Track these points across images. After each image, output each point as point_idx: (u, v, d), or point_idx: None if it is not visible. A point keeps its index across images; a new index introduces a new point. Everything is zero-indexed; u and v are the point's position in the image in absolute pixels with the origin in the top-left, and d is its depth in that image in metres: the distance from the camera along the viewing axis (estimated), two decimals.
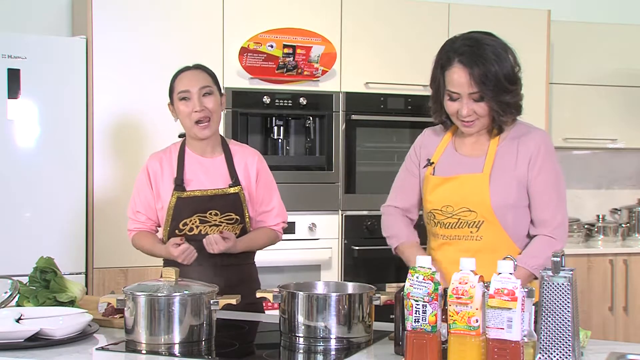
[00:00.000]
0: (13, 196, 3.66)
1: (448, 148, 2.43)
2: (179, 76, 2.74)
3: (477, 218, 2.30)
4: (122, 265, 3.81)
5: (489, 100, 2.25)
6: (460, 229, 2.32)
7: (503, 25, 4.49)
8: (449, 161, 2.40)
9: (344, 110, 4.23)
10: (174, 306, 2.07)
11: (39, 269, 2.47)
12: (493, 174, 2.31)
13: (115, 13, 3.86)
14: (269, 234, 2.81)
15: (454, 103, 2.30)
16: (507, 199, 2.29)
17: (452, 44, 2.31)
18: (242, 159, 2.78)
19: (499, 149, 2.34)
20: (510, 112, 2.29)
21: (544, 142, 2.34)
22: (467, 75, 2.23)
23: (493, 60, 2.23)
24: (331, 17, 4.24)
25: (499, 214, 2.28)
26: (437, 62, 2.34)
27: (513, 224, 2.30)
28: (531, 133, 2.35)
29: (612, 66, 4.95)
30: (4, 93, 3.62)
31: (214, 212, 2.67)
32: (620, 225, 5.11)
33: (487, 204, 2.28)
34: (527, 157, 2.31)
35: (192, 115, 2.67)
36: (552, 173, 2.33)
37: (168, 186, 2.71)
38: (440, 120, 2.43)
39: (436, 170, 2.40)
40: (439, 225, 2.37)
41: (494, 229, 2.29)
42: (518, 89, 2.30)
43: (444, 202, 2.35)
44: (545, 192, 2.31)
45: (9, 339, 2.04)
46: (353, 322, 2.10)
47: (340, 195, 4.23)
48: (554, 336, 1.74)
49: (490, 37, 2.31)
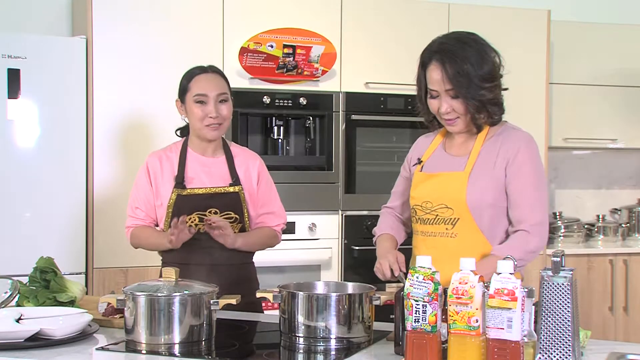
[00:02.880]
0: (13, 196, 3.66)
1: (438, 148, 2.47)
2: (196, 77, 2.73)
3: (454, 215, 2.32)
4: (122, 265, 3.81)
5: (463, 97, 2.29)
6: (437, 225, 2.35)
7: (503, 25, 4.53)
8: (436, 160, 2.44)
9: (344, 110, 4.23)
10: (174, 306, 2.07)
11: (39, 269, 2.47)
12: (473, 172, 2.33)
13: (115, 13, 3.86)
14: (268, 234, 2.82)
15: (435, 100, 2.35)
16: (484, 198, 2.30)
17: (432, 44, 2.38)
18: (244, 161, 2.81)
19: (482, 149, 2.36)
20: (485, 110, 2.32)
21: (524, 143, 2.34)
22: (441, 72, 2.29)
23: (466, 58, 2.27)
24: (331, 17, 4.24)
25: (474, 212, 2.30)
26: (419, 61, 2.40)
27: (489, 224, 2.31)
28: (513, 134, 2.37)
29: (612, 66, 4.95)
30: (4, 93, 3.62)
31: (213, 210, 2.68)
32: (620, 225, 5.11)
33: (462, 201, 2.30)
34: (505, 158, 2.32)
35: (206, 119, 2.69)
36: (531, 174, 2.32)
37: (168, 183, 2.73)
38: (428, 120, 2.48)
39: (424, 168, 2.45)
40: (419, 222, 2.41)
41: (469, 227, 2.31)
42: (494, 87, 2.32)
43: (424, 198, 2.38)
44: (523, 192, 2.30)
45: (9, 339, 2.04)
46: (353, 322, 2.10)
47: (340, 195, 4.24)
48: (554, 336, 1.75)
49: (471, 36, 2.36)
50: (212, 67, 2.79)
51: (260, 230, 2.80)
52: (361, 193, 4.27)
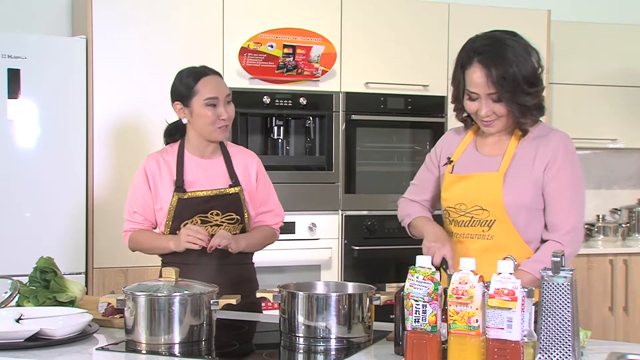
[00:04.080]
0: (13, 196, 3.66)
1: (469, 147, 2.41)
2: (203, 79, 2.71)
3: (490, 217, 2.28)
4: (122, 265, 3.81)
5: (507, 101, 2.22)
6: (473, 227, 2.31)
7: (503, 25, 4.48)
8: (468, 160, 2.39)
9: (344, 110, 4.23)
10: (174, 306, 2.07)
11: (39, 269, 2.47)
12: (508, 173, 2.28)
13: (115, 13, 3.86)
14: (268, 232, 2.83)
15: (474, 103, 2.28)
16: (521, 200, 2.26)
17: (473, 43, 2.29)
18: (242, 160, 2.80)
19: (517, 150, 2.31)
20: (530, 114, 2.26)
21: (563, 145, 2.29)
22: (485, 75, 2.21)
23: (512, 62, 2.20)
24: (331, 17, 4.24)
25: (511, 213, 2.26)
26: (457, 61, 2.32)
27: (525, 225, 2.28)
28: (551, 135, 2.32)
29: (612, 66, 4.95)
30: (4, 93, 3.62)
31: (215, 212, 2.68)
32: (620, 225, 5.11)
33: (499, 203, 2.26)
34: (545, 160, 2.28)
35: (217, 122, 2.69)
36: (569, 176, 2.28)
37: (167, 187, 2.71)
38: (461, 119, 2.42)
39: (455, 169, 2.39)
40: (453, 223, 2.37)
41: (505, 228, 2.27)
42: (539, 91, 2.26)
43: (458, 200, 2.34)
44: (560, 196, 2.27)
45: (9, 339, 2.04)
46: (353, 322, 2.10)
47: (340, 195, 4.23)
48: (554, 336, 1.74)
49: (512, 37, 2.28)
50: (211, 69, 2.77)
51: (260, 230, 2.81)
52: (361, 193, 4.27)
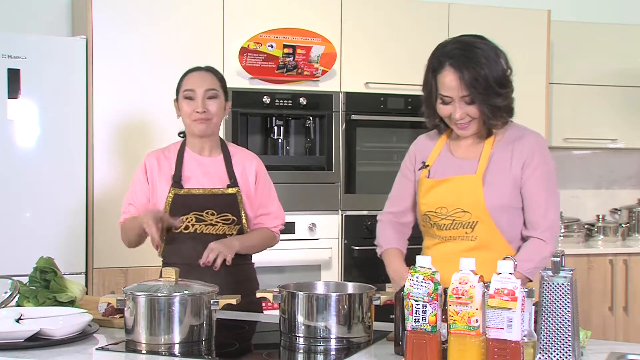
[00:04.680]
0: (13, 196, 3.66)
1: (443, 151, 2.44)
2: (187, 75, 2.77)
3: (472, 218, 2.31)
4: (122, 265, 3.81)
5: (479, 103, 2.26)
6: (455, 229, 2.34)
7: (503, 25, 4.52)
8: (444, 164, 2.41)
9: (344, 110, 4.23)
10: (174, 306, 2.07)
11: (39, 269, 2.47)
12: (487, 175, 2.32)
13: (115, 13, 3.86)
14: (266, 235, 2.82)
15: (447, 106, 2.31)
16: (501, 200, 2.31)
17: (443, 48, 2.32)
18: (241, 161, 2.80)
19: (493, 151, 2.35)
20: (500, 116, 2.31)
21: (538, 145, 2.36)
22: (458, 78, 2.25)
23: (483, 64, 2.24)
24: (331, 17, 4.24)
25: (493, 214, 2.30)
26: (428, 66, 2.35)
27: (507, 225, 2.32)
28: (526, 136, 2.37)
29: (612, 66, 4.95)
30: (4, 93, 3.62)
31: (210, 211, 2.68)
32: (620, 225, 5.11)
33: (481, 204, 2.29)
34: (521, 159, 2.33)
35: (192, 114, 2.70)
36: (545, 175, 2.34)
37: (164, 182, 2.73)
38: (434, 125, 2.44)
39: (431, 173, 2.42)
40: (435, 227, 2.38)
41: (488, 229, 2.31)
42: (509, 92, 2.31)
43: (438, 204, 2.36)
44: (537, 193, 2.32)
45: (9, 339, 2.04)
46: (353, 322, 2.10)
47: (340, 195, 4.23)
48: (554, 336, 1.75)
49: (481, 40, 2.32)
50: (208, 67, 2.81)
51: (258, 232, 2.80)
52: (361, 193, 4.27)
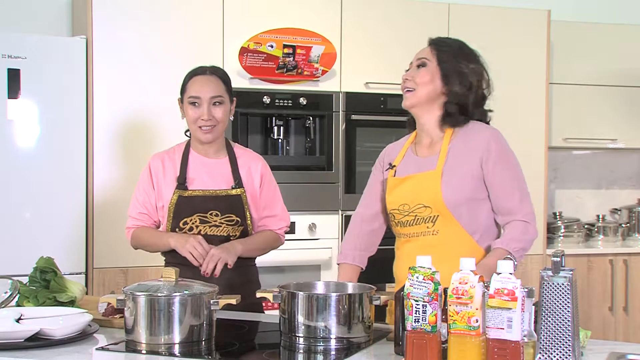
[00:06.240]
0: (13, 196, 3.66)
1: (408, 152, 2.53)
2: (192, 79, 2.73)
3: (432, 213, 2.37)
4: (122, 265, 3.81)
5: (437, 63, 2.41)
6: (417, 225, 2.40)
7: (503, 25, 4.53)
8: (408, 163, 2.50)
9: (344, 110, 4.23)
10: (174, 306, 2.07)
11: (39, 269, 2.47)
12: (445, 170, 2.38)
13: (115, 13, 3.86)
14: (270, 237, 2.81)
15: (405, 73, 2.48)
16: (459, 193, 2.36)
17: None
18: (246, 162, 2.80)
19: (450, 147, 2.42)
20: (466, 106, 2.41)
21: (493, 139, 2.40)
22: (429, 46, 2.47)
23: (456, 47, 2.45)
24: (331, 17, 4.24)
25: (451, 208, 2.35)
26: None
27: (468, 217, 2.37)
28: (479, 131, 2.43)
29: (612, 66, 4.95)
30: (4, 93, 3.62)
31: (214, 212, 2.68)
32: (620, 225, 5.11)
33: (439, 198, 2.35)
34: (477, 154, 2.38)
35: (198, 121, 2.69)
36: (510, 167, 2.39)
37: (170, 184, 2.72)
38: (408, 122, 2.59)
39: (396, 173, 2.50)
40: (399, 225, 2.46)
41: (448, 222, 2.36)
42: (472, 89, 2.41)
43: (401, 201, 2.43)
44: (506, 182, 2.38)
45: (9, 339, 2.04)
46: (353, 322, 2.10)
47: (340, 195, 4.24)
48: (554, 336, 1.75)
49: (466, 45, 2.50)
50: (213, 69, 2.77)
51: (261, 234, 2.79)
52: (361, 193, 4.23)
